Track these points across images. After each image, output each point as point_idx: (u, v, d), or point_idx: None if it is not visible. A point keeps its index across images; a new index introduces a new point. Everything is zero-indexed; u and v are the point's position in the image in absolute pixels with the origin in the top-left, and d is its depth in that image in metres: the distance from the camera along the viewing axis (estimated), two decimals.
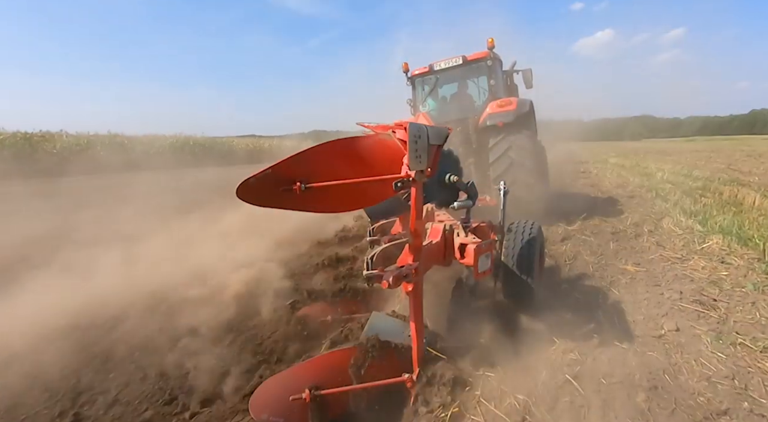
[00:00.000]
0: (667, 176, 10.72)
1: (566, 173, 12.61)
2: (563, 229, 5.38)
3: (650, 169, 12.88)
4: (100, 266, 4.35)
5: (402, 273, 1.93)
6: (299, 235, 5.54)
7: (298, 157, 1.63)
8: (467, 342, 2.35)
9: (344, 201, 1.81)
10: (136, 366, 2.63)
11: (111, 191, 11.16)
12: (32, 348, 2.81)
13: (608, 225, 5.48)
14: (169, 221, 6.43)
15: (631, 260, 4.08)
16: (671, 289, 3.29)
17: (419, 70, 6.53)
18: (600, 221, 5.74)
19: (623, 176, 11.80)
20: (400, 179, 1.81)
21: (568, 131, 27.85)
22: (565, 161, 15.69)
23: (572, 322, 2.70)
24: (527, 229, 2.78)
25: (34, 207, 8.66)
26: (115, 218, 7.23)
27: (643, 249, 4.40)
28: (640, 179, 10.53)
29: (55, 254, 4.72)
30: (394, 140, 1.95)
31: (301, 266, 4.18)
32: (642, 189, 8.67)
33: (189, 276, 3.95)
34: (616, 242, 4.72)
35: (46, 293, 3.65)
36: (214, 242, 5.22)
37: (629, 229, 5.22)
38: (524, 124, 5.54)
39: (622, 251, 4.39)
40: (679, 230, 4.92)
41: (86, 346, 2.90)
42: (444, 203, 2.45)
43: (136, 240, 5.28)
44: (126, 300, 3.54)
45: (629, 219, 5.72)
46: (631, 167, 14.28)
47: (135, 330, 3.05)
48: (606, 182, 10.65)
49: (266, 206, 1.61)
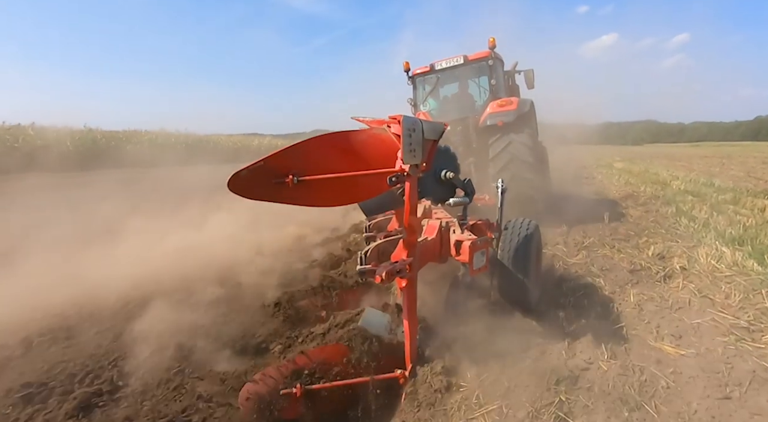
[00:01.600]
0: (684, 184, 9.23)
1: (568, 178, 11.24)
2: (561, 264, 3.97)
3: (662, 176, 11.54)
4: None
5: (395, 269, 1.93)
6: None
7: (291, 149, 1.63)
8: (459, 340, 2.33)
9: (338, 195, 1.81)
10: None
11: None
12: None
13: (623, 257, 4.03)
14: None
15: (667, 328, 2.61)
16: (748, 400, 1.91)
17: (420, 69, 6.53)
18: (611, 249, 4.33)
19: (632, 183, 10.48)
20: (394, 174, 1.81)
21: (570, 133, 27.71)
22: (567, 164, 14.40)
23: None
24: (524, 227, 2.76)
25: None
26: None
27: (681, 304, 2.91)
28: (652, 187, 9.20)
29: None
30: (388, 135, 1.95)
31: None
32: (657, 201, 7.30)
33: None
34: (637, 288, 3.28)
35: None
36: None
37: (653, 264, 3.74)
38: (525, 124, 5.53)
39: (649, 309, 2.90)
40: (724, 267, 3.42)
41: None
42: (440, 199, 2.44)
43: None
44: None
45: (651, 248, 4.22)
46: (639, 173, 12.89)
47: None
48: (613, 191, 9.43)
49: (258, 199, 1.61)
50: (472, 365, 2.18)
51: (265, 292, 3.47)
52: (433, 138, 1.99)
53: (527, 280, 2.63)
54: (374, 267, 1.94)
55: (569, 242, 4.68)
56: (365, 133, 1.93)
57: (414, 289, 2.09)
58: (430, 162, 1.98)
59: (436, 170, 2.33)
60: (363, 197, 2.11)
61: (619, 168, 15.77)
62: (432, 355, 2.23)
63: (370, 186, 1.85)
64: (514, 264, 2.63)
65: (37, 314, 3.35)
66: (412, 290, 2.08)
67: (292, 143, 1.63)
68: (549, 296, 3.14)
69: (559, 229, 5.22)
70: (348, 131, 1.86)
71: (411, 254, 2.04)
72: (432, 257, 2.54)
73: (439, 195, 2.43)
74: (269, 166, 1.56)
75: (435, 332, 2.43)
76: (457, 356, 2.23)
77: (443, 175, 2.36)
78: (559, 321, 2.73)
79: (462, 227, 2.60)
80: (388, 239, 2.44)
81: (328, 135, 1.76)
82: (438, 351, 2.25)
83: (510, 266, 2.63)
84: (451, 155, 2.51)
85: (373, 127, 2.00)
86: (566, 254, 4.26)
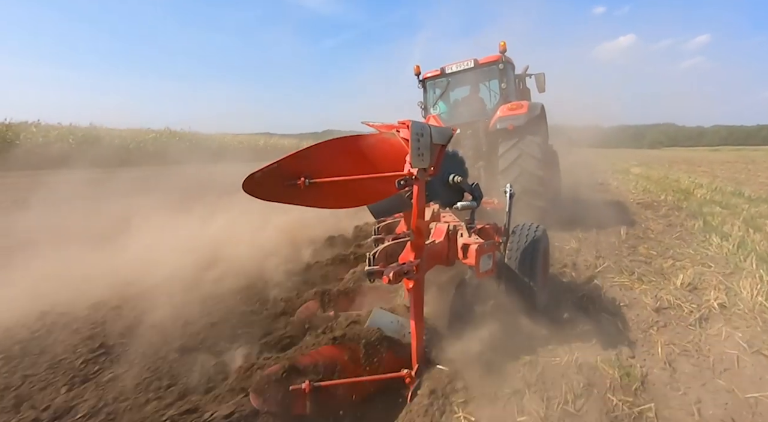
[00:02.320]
0: (710, 193, 8.43)
1: (581, 183, 10.48)
2: (570, 297, 3.23)
3: (683, 183, 10.70)
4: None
5: (403, 270, 1.97)
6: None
7: (303, 153, 1.69)
8: (465, 342, 2.36)
9: (347, 197, 1.86)
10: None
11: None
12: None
13: (646, 288, 3.34)
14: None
15: (712, 405, 1.94)
16: None
17: (431, 72, 6.57)
18: (629, 276, 3.65)
19: (651, 191, 9.64)
20: (402, 177, 1.86)
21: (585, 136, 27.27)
22: (581, 168, 13.62)
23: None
24: (531, 232, 2.78)
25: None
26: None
27: (727, 364, 2.28)
28: (674, 196, 8.46)
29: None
30: (397, 139, 2.00)
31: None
32: (681, 213, 6.61)
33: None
34: (665, 335, 2.64)
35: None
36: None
37: (684, 300, 3.08)
38: (535, 127, 5.51)
39: (684, 370, 2.26)
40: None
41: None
42: (447, 203, 2.48)
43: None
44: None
45: (679, 275, 3.55)
46: (658, 180, 11.99)
47: None
48: (631, 199, 8.57)
49: (271, 200, 1.67)
50: (477, 367, 2.20)
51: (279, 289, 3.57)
52: (442, 143, 2.03)
53: (534, 284, 2.65)
54: (382, 268, 1.99)
55: (579, 264, 4.06)
56: (375, 137, 1.98)
57: (421, 290, 2.13)
58: (438, 166, 2.02)
59: (444, 174, 2.37)
60: (372, 199, 2.16)
61: (636, 174, 15.08)
62: (438, 356, 2.26)
63: (379, 189, 1.90)
64: (520, 268, 2.65)
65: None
66: (419, 292, 2.12)
67: (303, 142, 1.69)
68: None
69: (568, 246, 4.69)
70: (358, 135, 1.92)
71: (418, 256, 2.08)
72: (439, 259, 2.57)
73: (447, 199, 2.47)
74: (282, 168, 1.63)
75: (441, 333, 2.46)
76: (463, 358, 2.25)
77: (451, 179, 2.40)
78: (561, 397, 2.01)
79: (469, 231, 2.63)
80: (397, 242, 2.48)
81: (339, 139, 1.82)
82: (444, 352, 2.28)
83: (517, 270, 2.65)
84: (459, 159, 2.55)
85: (382, 131, 2.06)
86: (575, 281, 3.52)
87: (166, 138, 24.14)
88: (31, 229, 5.71)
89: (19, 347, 2.73)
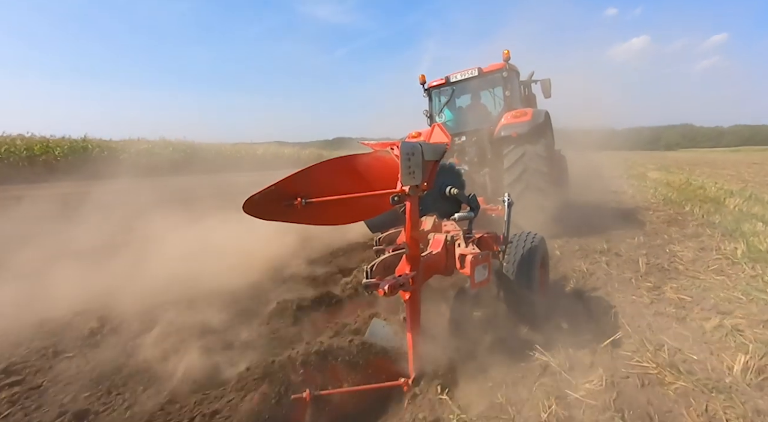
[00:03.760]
0: (745, 203, 6.92)
1: (593, 191, 9.29)
2: (559, 399, 2.09)
3: (710, 189, 9.12)
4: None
5: (398, 282, 2.04)
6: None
7: (299, 174, 1.79)
8: (462, 352, 2.40)
9: (343, 214, 1.95)
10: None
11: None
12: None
13: (686, 390, 2.02)
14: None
15: None
16: None
17: (436, 81, 6.66)
18: (654, 361, 2.27)
19: (673, 200, 8.12)
20: (396, 194, 1.94)
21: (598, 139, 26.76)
22: (593, 173, 12.61)
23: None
24: (528, 240, 2.81)
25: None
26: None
27: None
28: (701, 208, 7.00)
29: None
30: (392, 157, 2.08)
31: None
32: (715, 233, 5.20)
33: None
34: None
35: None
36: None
37: (740, 382, 2.04)
38: (539, 134, 5.53)
39: None
40: None
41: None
42: (445, 214, 2.55)
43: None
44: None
45: (729, 340, 2.44)
46: (680, 187, 10.30)
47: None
48: (650, 211, 7.25)
49: (270, 220, 1.77)
50: (473, 376, 2.25)
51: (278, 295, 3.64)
52: (434, 159, 2.11)
53: (532, 293, 2.68)
54: (378, 281, 2.06)
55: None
56: (369, 156, 2.07)
57: (417, 302, 2.19)
58: (431, 181, 2.09)
59: (441, 186, 2.44)
60: (367, 216, 2.24)
61: (654, 179, 13.55)
62: (435, 365, 2.31)
63: (374, 206, 1.99)
64: (518, 277, 2.68)
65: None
66: (415, 303, 2.18)
67: (311, 146, 1.78)
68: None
69: (569, 286, 3.64)
70: (353, 154, 2.01)
71: (414, 268, 2.15)
72: (438, 269, 2.63)
73: (444, 210, 2.54)
74: (279, 190, 1.72)
75: (439, 343, 2.51)
76: (460, 367, 2.30)
77: (447, 191, 2.47)
78: None
79: (467, 241, 2.69)
80: (395, 254, 2.55)
81: (334, 160, 1.92)
82: (441, 361, 2.33)
83: (514, 279, 2.69)
84: (456, 171, 2.62)
85: (377, 150, 2.15)
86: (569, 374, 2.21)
87: (185, 148, 24.97)
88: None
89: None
